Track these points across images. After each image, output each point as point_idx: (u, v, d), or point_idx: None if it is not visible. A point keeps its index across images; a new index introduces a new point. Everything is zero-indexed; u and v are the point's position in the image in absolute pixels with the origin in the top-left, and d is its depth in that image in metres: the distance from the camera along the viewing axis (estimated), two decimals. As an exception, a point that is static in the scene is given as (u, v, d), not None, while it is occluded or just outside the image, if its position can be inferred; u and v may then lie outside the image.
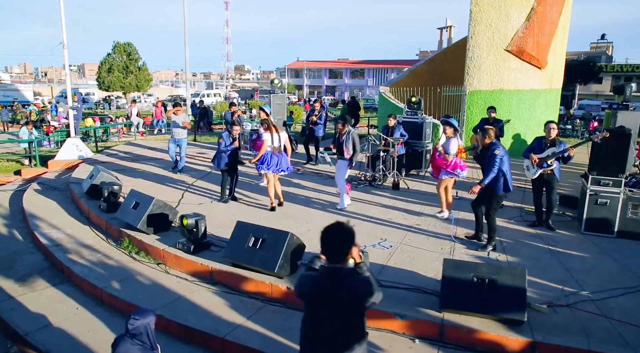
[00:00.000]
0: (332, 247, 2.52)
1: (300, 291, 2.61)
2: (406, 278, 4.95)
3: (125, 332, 3.13)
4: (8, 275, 5.72)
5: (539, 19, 12.33)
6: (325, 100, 61.54)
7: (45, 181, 10.03)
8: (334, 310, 2.50)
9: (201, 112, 17.98)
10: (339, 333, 2.51)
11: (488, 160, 5.70)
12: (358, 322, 2.56)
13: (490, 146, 5.77)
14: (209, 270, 5.19)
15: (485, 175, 5.66)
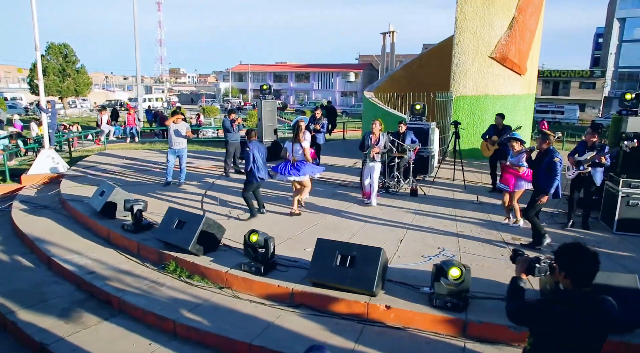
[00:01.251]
0: (583, 270, 2.37)
1: (558, 320, 2.34)
2: (492, 287, 4.90)
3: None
4: (44, 310, 5.02)
5: (520, 27, 12.90)
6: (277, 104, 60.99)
7: (28, 199, 9.02)
8: (583, 341, 2.34)
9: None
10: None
11: (547, 166, 5.80)
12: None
13: (549, 152, 5.88)
14: (289, 292, 4.85)
15: (549, 183, 5.75)
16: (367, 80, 73.09)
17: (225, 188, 9.39)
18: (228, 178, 10.47)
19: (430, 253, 5.91)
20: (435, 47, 17.21)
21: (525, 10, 12.87)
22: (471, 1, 12.74)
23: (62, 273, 5.84)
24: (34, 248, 6.71)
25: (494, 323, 4.25)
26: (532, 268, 2.76)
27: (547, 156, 5.87)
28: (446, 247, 6.14)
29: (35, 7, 10.25)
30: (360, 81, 72.16)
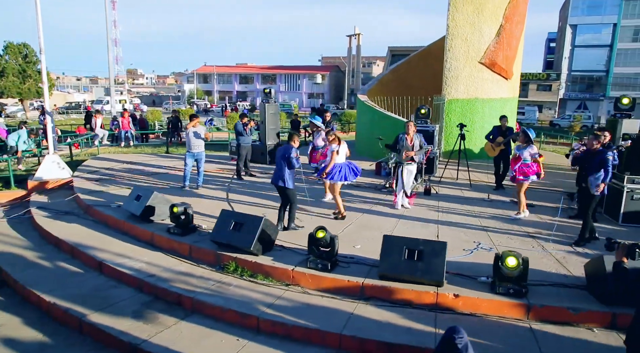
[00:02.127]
0: None
1: None
2: (538, 275, 5.40)
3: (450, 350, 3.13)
4: (116, 313, 5.12)
5: (507, 35, 13.71)
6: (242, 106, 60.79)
7: (46, 206, 8.88)
8: None
9: (173, 121, 16.82)
10: None
11: (600, 162, 6.28)
12: None
13: (601, 150, 6.41)
14: (360, 286, 5.17)
15: (605, 175, 6.25)
16: (334, 82, 73.97)
17: (244, 191, 9.56)
18: (241, 180, 10.62)
19: (469, 246, 6.38)
20: (422, 51, 17.90)
21: (511, 18, 13.69)
22: (462, 9, 13.42)
23: (119, 277, 5.92)
24: (74, 253, 6.71)
25: (554, 306, 4.75)
26: (633, 252, 3.23)
27: (598, 155, 6.36)
28: (481, 241, 6.63)
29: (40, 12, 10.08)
30: (327, 82, 72.93)
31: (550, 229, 7.16)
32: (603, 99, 54.57)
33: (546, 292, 5.03)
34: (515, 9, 13.84)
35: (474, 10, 13.43)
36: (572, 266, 5.79)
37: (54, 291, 5.59)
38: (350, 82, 71.61)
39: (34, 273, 6.19)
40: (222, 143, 17.08)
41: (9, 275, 6.19)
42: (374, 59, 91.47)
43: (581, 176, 7.09)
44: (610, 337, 4.51)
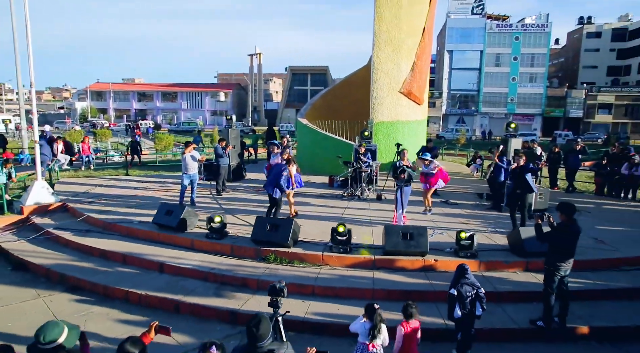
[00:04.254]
0: (571, 210, 5.71)
1: (564, 232, 5.66)
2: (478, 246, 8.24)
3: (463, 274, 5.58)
4: (202, 295, 6.89)
5: (419, 69, 17.15)
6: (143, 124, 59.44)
7: (62, 226, 9.86)
8: (573, 241, 5.69)
9: (133, 145, 17.56)
10: None
11: (528, 174, 9.17)
12: None
13: (527, 165, 9.31)
14: (372, 260, 7.58)
15: (531, 185, 9.14)
16: (237, 99, 75.36)
17: (228, 203, 11.41)
18: (222, 196, 12.37)
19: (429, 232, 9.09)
20: (344, 80, 20.93)
21: (421, 56, 17.16)
22: (384, 49, 16.54)
23: (182, 272, 7.60)
24: (127, 259, 8.16)
25: (494, 260, 7.60)
26: (541, 216, 6.06)
27: (524, 169, 9.21)
28: (434, 224, 9.40)
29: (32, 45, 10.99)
30: (230, 100, 74.06)
31: (472, 218, 10.23)
32: (477, 114, 63.37)
33: (487, 254, 7.88)
34: (424, 49, 17.35)
35: (393, 50, 16.62)
36: (496, 239, 8.77)
37: (138, 287, 7.15)
38: (253, 99, 73.71)
39: (104, 276, 7.59)
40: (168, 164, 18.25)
41: (81, 280, 7.51)
42: (270, 76, 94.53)
43: (516, 185, 9.62)
44: (527, 275, 7.44)
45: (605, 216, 10.98)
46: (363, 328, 4.55)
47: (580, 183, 15.65)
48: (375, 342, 4.44)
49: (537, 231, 6.20)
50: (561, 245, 5.91)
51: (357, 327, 4.66)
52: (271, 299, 4.35)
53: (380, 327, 4.46)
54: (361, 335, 4.56)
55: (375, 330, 4.43)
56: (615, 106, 61.12)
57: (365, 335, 4.49)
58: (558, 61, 79.40)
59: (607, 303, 6.76)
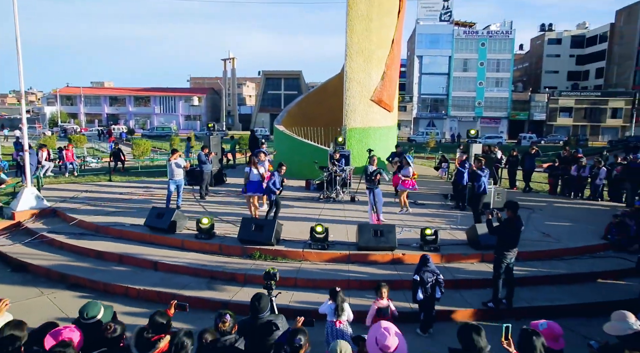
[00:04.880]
0: (516, 207, 6.78)
1: (509, 226, 6.72)
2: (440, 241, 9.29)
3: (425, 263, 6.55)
4: (195, 288, 7.68)
5: (389, 78, 18.25)
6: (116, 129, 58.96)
7: (56, 230, 10.42)
8: (517, 234, 6.77)
9: (116, 152, 18.00)
10: None
11: (481, 177, 10.30)
12: None
13: (481, 170, 10.44)
14: (347, 255, 8.51)
15: (482, 186, 10.27)
16: (211, 104, 75.48)
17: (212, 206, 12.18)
18: (205, 200, 13.10)
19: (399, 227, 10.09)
20: (318, 88, 21.90)
21: (391, 66, 18.28)
22: (355, 59, 17.56)
23: (175, 270, 8.36)
24: (122, 259, 8.85)
25: (454, 253, 8.65)
26: (492, 212, 7.12)
27: (480, 174, 10.38)
28: (403, 224, 10.41)
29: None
30: (204, 104, 74.15)
31: (437, 217, 11.30)
32: (446, 118, 65.40)
33: (448, 248, 8.92)
34: (393, 59, 18.47)
35: (364, 60, 17.66)
36: (457, 235, 9.84)
37: (135, 283, 7.87)
38: (227, 104, 73.99)
39: (103, 275, 8.27)
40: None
41: (81, 278, 8.17)
42: (243, 80, 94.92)
43: (474, 186, 10.82)
44: (482, 265, 8.51)
45: (555, 213, 12.25)
46: (329, 308, 5.44)
47: (537, 183, 17.03)
48: (341, 319, 5.33)
49: (488, 226, 7.26)
50: (507, 237, 6.97)
51: (324, 308, 5.55)
52: (266, 283, 5.19)
53: (343, 306, 5.35)
54: (329, 314, 5.43)
55: (339, 309, 5.32)
56: (575, 109, 64.15)
57: (332, 314, 5.38)
58: (523, 65, 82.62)
59: (548, 287, 7.87)
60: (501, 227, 7.03)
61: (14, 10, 10.99)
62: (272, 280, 5.10)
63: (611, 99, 62.88)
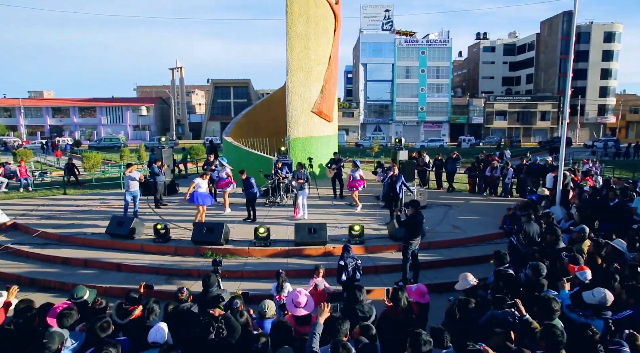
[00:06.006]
0: (417, 205, 8.55)
1: (414, 220, 8.49)
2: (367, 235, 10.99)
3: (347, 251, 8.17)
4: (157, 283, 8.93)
5: (327, 91, 19.98)
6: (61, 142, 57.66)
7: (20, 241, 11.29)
8: (420, 225, 8.55)
9: (69, 166, 18.61)
10: None
11: (399, 183, 12.10)
12: None
13: (399, 176, 12.22)
14: (286, 250, 10.04)
15: (399, 192, 12.06)
16: (159, 113, 74.95)
17: (172, 213, 13.37)
18: (160, 208, 14.24)
19: (333, 225, 11.72)
20: (265, 99, 23.39)
21: (329, 80, 20.03)
22: (296, 74, 19.15)
23: (136, 270, 9.57)
24: (87, 263, 9.95)
25: (376, 245, 10.36)
26: (400, 210, 8.88)
27: (399, 178, 12.17)
28: (337, 224, 12.06)
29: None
30: (153, 114, 73.57)
31: (368, 215, 13.04)
32: (392, 122, 68.45)
33: (372, 241, 10.65)
34: (331, 74, 20.22)
35: (304, 75, 19.30)
36: (382, 231, 11.59)
37: (102, 282, 9.02)
38: (176, 113, 73.78)
39: (71, 277, 9.34)
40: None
41: (51, 281, 9.22)
42: (192, 88, 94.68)
43: (390, 189, 12.67)
44: (399, 254, 10.23)
45: (468, 209, 14.33)
46: (274, 287, 6.95)
47: (461, 183, 19.25)
48: (282, 294, 6.84)
49: (397, 220, 9.00)
50: (411, 229, 8.72)
51: (272, 288, 7.06)
52: (214, 268, 6.61)
53: (283, 285, 6.87)
54: (273, 291, 6.94)
55: (279, 286, 6.83)
56: (509, 112, 69.00)
57: (275, 291, 6.89)
58: (462, 71, 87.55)
59: (449, 268, 9.73)
60: (407, 221, 8.79)
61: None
62: (218, 266, 6.53)
63: (540, 103, 68.20)
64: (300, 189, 12.56)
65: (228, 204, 13.76)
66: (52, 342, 3.94)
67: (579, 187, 12.57)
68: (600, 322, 4.72)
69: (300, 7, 18.74)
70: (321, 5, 19.43)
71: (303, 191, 12.62)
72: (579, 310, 4.92)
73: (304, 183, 12.77)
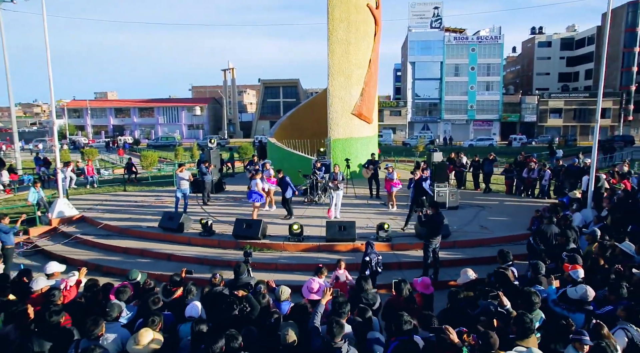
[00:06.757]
0: (437, 206, 9.15)
1: (436, 220, 9.10)
2: (394, 232, 11.63)
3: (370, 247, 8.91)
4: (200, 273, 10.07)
5: (367, 94, 20.64)
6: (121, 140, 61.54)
7: (87, 232, 12.87)
8: (440, 228, 9.14)
9: (129, 164, 20.60)
10: None
11: (426, 184, 12.70)
12: None
13: (424, 178, 12.82)
14: (317, 246, 10.90)
15: (427, 191, 12.66)
16: (212, 113, 78.06)
17: (218, 210, 14.58)
18: (207, 205, 15.52)
19: (364, 225, 12.44)
20: (308, 101, 24.35)
21: (369, 83, 20.68)
22: (337, 78, 19.94)
23: (184, 260, 10.75)
24: (144, 253, 11.26)
25: (402, 243, 11.00)
26: (422, 210, 9.50)
27: (424, 180, 12.77)
28: (368, 222, 12.78)
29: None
30: (206, 114, 76.75)
31: (400, 215, 13.65)
32: (440, 121, 67.73)
33: (399, 239, 11.29)
34: (371, 77, 20.86)
35: (344, 79, 20.06)
36: (410, 230, 12.19)
37: (154, 269, 10.25)
38: (228, 113, 76.59)
39: (129, 265, 10.63)
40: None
41: (113, 268, 10.59)
42: (244, 87, 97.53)
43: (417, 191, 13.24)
44: (424, 252, 10.86)
45: (500, 210, 14.59)
46: None
47: (498, 185, 19.33)
48: None
49: (419, 220, 9.62)
50: (431, 228, 9.32)
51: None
52: (245, 258, 7.56)
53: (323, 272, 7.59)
54: None
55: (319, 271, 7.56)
56: (564, 110, 66.34)
57: None
58: (515, 68, 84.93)
59: (470, 266, 10.13)
60: (427, 220, 9.39)
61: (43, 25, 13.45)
62: (248, 256, 7.49)
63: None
64: (336, 189, 13.22)
65: (274, 202, 14.75)
66: (112, 311, 4.98)
67: (612, 190, 12.57)
68: (582, 315, 5.23)
69: (341, 13, 19.52)
70: (362, 11, 20.11)
71: (338, 191, 13.29)
72: (563, 304, 5.43)
73: (339, 184, 13.42)
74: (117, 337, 4.72)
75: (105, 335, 4.65)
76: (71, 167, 18.69)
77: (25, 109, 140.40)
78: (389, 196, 14.49)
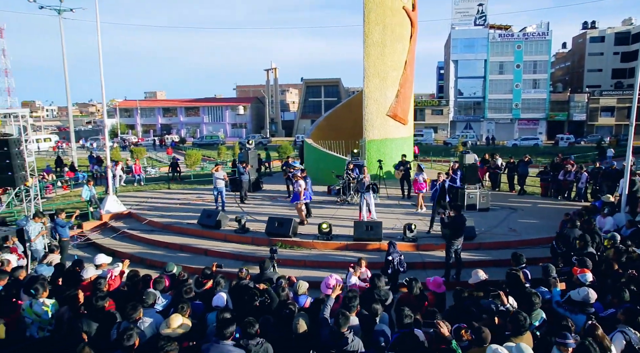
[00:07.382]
0: (459, 208, 9.42)
1: (458, 221, 9.39)
2: (421, 233, 11.91)
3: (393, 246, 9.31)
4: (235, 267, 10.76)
5: (403, 95, 20.85)
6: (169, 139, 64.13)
7: (133, 228, 13.92)
8: (462, 227, 9.40)
9: (174, 163, 21.94)
10: None
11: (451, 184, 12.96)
12: None
13: (453, 178, 13.07)
14: (345, 244, 11.37)
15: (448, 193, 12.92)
16: (255, 112, 79.82)
17: (254, 208, 15.32)
18: (244, 203, 16.29)
19: (392, 225, 12.78)
20: (345, 102, 24.82)
21: (404, 85, 20.87)
22: (372, 80, 20.27)
23: (220, 255, 11.48)
24: (183, 248, 12.11)
25: (427, 243, 11.29)
26: (444, 212, 9.77)
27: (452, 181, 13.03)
28: (396, 223, 13.11)
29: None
30: (249, 113, 78.58)
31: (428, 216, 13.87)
32: (483, 120, 66.31)
33: (424, 240, 11.58)
34: (406, 79, 21.04)
35: (380, 81, 20.36)
36: (437, 231, 12.43)
37: (192, 264, 11.05)
38: (270, 112, 78.09)
39: (170, 259, 11.47)
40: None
41: (155, 261, 11.47)
42: (286, 86, 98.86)
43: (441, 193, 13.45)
44: (448, 252, 11.10)
45: (531, 213, 14.53)
46: None
47: (534, 187, 19.07)
48: None
49: (441, 222, 9.90)
50: (453, 229, 9.58)
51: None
52: (271, 254, 8.15)
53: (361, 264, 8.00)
54: None
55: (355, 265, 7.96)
56: (617, 108, 63.33)
57: None
58: (565, 64, 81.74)
59: (493, 268, 10.35)
60: (449, 222, 9.66)
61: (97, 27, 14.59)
62: (274, 253, 8.07)
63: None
64: (366, 191, 13.48)
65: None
66: (148, 298, 5.67)
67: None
68: (583, 317, 5.45)
69: (377, 16, 19.82)
70: (397, 14, 20.33)
71: (368, 193, 13.56)
72: (566, 305, 5.65)
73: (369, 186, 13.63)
74: (152, 321, 5.38)
75: (143, 319, 5.32)
76: (120, 166, 20.02)
77: (81, 109, 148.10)
78: (418, 198, 14.75)
